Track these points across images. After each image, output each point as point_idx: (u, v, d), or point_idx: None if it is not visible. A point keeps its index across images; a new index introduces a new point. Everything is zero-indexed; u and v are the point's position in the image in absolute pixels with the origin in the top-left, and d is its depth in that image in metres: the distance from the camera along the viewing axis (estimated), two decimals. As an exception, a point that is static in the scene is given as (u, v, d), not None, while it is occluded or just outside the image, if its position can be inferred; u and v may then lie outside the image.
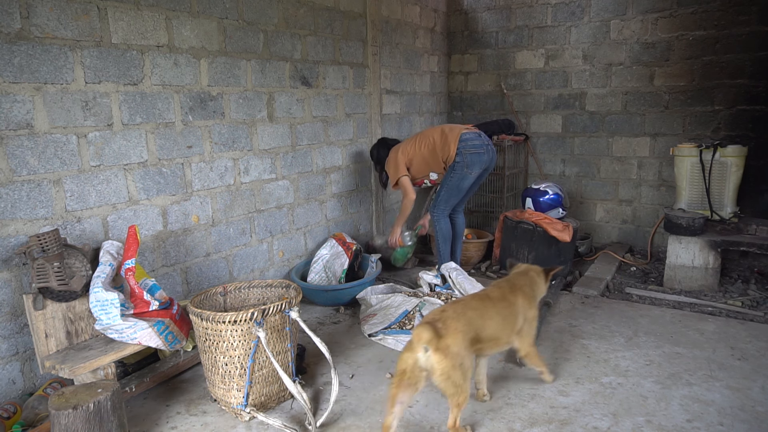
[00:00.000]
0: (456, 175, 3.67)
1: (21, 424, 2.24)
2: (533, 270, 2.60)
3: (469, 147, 3.60)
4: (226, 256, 3.41)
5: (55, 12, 2.43)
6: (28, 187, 2.41)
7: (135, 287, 2.44)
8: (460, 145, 3.60)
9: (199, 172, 3.17)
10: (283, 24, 3.62)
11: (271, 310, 2.27)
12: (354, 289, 3.62)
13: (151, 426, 2.34)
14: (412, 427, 2.28)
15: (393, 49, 4.78)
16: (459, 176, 3.66)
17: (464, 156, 3.60)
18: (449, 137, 3.68)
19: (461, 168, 3.62)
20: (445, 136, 3.71)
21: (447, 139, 3.68)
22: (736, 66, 4.35)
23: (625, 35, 4.74)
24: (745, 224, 3.90)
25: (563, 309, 3.57)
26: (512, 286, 2.48)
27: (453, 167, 3.66)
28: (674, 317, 3.39)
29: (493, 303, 2.34)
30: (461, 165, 3.62)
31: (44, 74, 2.42)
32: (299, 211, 3.97)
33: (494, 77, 5.48)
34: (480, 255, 4.59)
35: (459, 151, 3.60)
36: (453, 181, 3.69)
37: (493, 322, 2.28)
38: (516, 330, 2.38)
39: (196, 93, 3.10)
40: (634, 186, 4.94)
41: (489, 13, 5.39)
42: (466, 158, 3.60)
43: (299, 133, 3.88)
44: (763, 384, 2.56)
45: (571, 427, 2.26)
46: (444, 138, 3.70)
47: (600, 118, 4.99)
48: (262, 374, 2.36)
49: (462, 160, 3.60)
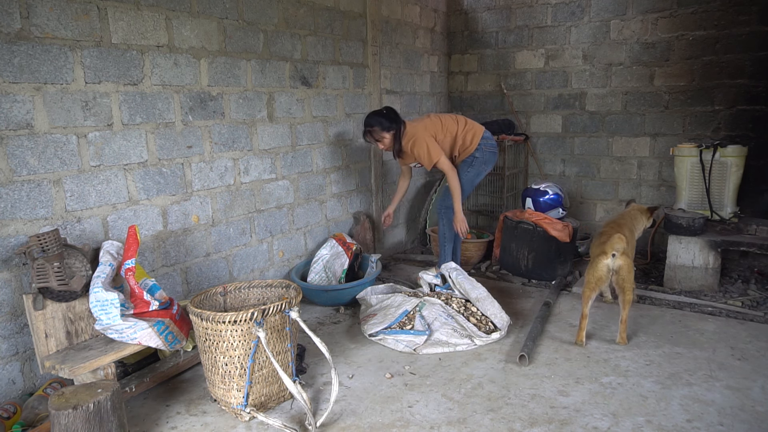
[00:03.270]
0: (473, 171, 3.70)
1: (21, 424, 2.24)
2: (638, 208, 3.54)
3: (489, 145, 3.66)
4: (226, 256, 3.41)
5: (55, 12, 2.43)
6: (28, 187, 2.41)
7: (135, 287, 2.44)
8: (482, 142, 3.64)
9: (199, 172, 3.17)
10: (283, 24, 3.62)
11: (271, 310, 2.27)
12: (354, 290, 3.62)
13: (151, 426, 2.34)
14: (413, 427, 2.28)
15: (393, 49, 4.78)
16: (476, 172, 3.70)
17: (484, 153, 3.64)
18: (476, 131, 3.66)
19: (480, 164, 3.66)
20: (470, 128, 3.67)
21: (471, 132, 3.66)
22: (736, 66, 4.34)
23: (625, 35, 4.73)
24: (745, 224, 3.90)
25: (563, 309, 3.57)
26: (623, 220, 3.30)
27: (471, 162, 3.67)
28: (674, 317, 3.39)
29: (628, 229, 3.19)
30: (480, 161, 3.65)
31: (44, 74, 2.42)
32: (299, 211, 3.97)
33: (494, 77, 5.48)
34: (480, 255, 4.59)
35: (480, 147, 3.63)
36: (470, 176, 3.72)
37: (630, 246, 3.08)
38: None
39: (196, 93, 3.10)
40: (634, 186, 4.93)
41: (489, 13, 5.39)
42: (485, 155, 3.65)
43: (299, 133, 3.88)
44: (763, 384, 2.56)
45: (571, 427, 2.26)
46: (468, 129, 3.67)
47: (600, 118, 4.99)
48: (262, 374, 2.36)
49: (482, 156, 3.65)
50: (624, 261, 2.90)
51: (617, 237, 2.91)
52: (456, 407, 2.42)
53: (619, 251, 2.89)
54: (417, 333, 3.01)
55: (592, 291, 2.94)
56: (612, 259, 2.90)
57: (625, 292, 2.92)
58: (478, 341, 3.02)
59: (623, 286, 2.91)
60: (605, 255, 2.91)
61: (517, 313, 3.49)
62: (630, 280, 2.91)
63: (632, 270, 2.94)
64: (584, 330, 2.99)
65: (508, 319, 3.16)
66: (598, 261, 2.94)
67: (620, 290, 2.94)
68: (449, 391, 2.55)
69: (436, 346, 2.98)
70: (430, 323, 3.09)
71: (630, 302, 2.93)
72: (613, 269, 2.92)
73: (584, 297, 2.97)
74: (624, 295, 2.93)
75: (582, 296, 3.00)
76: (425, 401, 2.47)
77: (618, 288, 2.95)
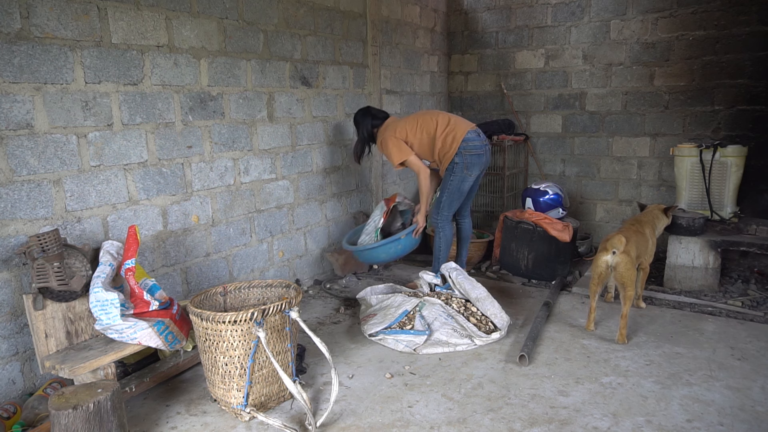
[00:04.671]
0: (456, 178, 3.51)
1: (21, 424, 2.24)
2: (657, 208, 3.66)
3: (470, 148, 3.44)
4: (226, 256, 3.41)
5: (55, 12, 2.43)
6: (28, 187, 2.41)
7: (135, 287, 2.44)
8: (461, 145, 3.43)
9: (199, 172, 3.17)
10: (283, 24, 3.62)
11: (271, 310, 2.27)
12: (384, 247, 3.65)
13: (151, 426, 2.34)
14: (413, 427, 2.28)
15: (393, 49, 4.78)
16: (459, 179, 3.50)
17: (464, 157, 3.44)
18: (456, 133, 3.46)
19: (461, 170, 3.47)
20: (450, 130, 3.48)
21: (451, 135, 3.47)
22: (736, 66, 4.35)
23: (625, 35, 4.74)
24: (745, 224, 3.90)
25: (563, 309, 3.57)
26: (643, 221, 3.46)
27: (452, 169, 3.49)
28: (674, 317, 3.39)
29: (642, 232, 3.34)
30: (461, 167, 3.46)
31: (44, 74, 2.42)
32: (299, 211, 3.97)
33: (494, 77, 5.48)
34: (480, 255, 4.59)
35: (459, 151, 3.43)
36: (453, 184, 3.53)
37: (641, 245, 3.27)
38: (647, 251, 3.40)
39: (196, 93, 3.10)
40: (634, 186, 4.94)
41: (489, 13, 5.39)
42: (467, 159, 3.44)
43: (299, 133, 3.88)
44: (763, 384, 2.56)
45: (571, 427, 2.26)
46: (447, 132, 3.48)
47: (600, 118, 4.99)
48: (262, 374, 2.36)
49: (462, 161, 3.45)
50: (622, 258, 3.04)
51: (617, 237, 3.07)
52: (456, 407, 2.42)
53: (618, 249, 3.04)
54: (417, 333, 3.01)
55: (596, 285, 3.15)
56: (611, 256, 3.06)
57: (625, 287, 3.04)
58: (478, 341, 3.02)
59: (623, 282, 3.04)
60: (605, 252, 3.09)
61: (517, 313, 3.50)
62: (629, 276, 3.03)
63: (632, 267, 3.05)
64: (593, 321, 3.23)
65: (508, 319, 3.16)
66: (598, 257, 3.13)
67: (620, 286, 3.08)
68: (449, 391, 2.56)
69: (436, 346, 2.98)
70: (430, 323, 3.09)
71: (630, 298, 3.03)
72: (611, 265, 3.07)
73: (590, 291, 3.21)
74: (624, 290, 3.05)
75: (589, 291, 3.24)
76: (425, 401, 2.47)
77: (618, 284, 3.09)
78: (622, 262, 3.04)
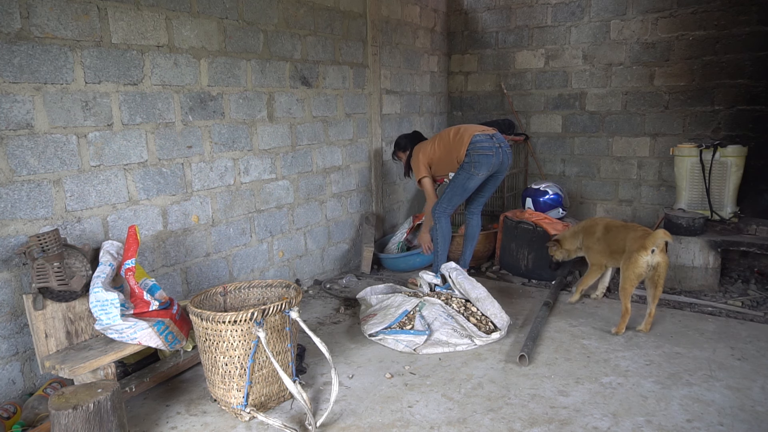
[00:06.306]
0: (463, 175, 3.69)
1: (21, 424, 2.24)
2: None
3: (478, 148, 3.64)
4: (226, 256, 3.41)
5: (55, 12, 2.43)
6: (28, 187, 2.41)
7: (135, 287, 2.44)
8: (470, 147, 3.65)
9: (199, 172, 3.17)
10: (283, 24, 3.62)
11: (271, 310, 2.27)
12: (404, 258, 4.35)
13: (151, 426, 2.34)
14: (413, 427, 2.28)
15: (393, 49, 4.78)
16: (465, 176, 3.68)
17: (472, 156, 3.63)
18: (463, 138, 3.71)
19: (468, 168, 3.66)
20: (459, 136, 3.75)
21: (460, 140, 3.72)
22: (736, 66, 4.35)
23: (625, 35, 4.74)
24: (745, 224, 3.90)
25: (563, 309, 3.57)
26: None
27: (462, 167, 3.70)
28: (674, 317, 3.39)
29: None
30: (469, 165, 3.65)
31: (44, 74, 2.42)
32: (299, 211, 3.97)
33: (494, 77, 5.48)
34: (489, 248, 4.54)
35: (468, 152, 3.65)
36: (459, 180, 3.72)
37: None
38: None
39: (196, 93, 3.10)
40: (634, 186, 4.94)
41: (489, 13, 5.39)
42: (474, 158, 3.63)
43: (299, 133, 3.88)
44: (763, 384, 2.56)
45: (571, 427, 2.26)
46: (458, 138, 3.75)
47: (600, 118, 4.99)
48: (262, 374, 2.36)
49: (470, 161, 3.64)
50: (663, 257, 3.00)
51: (660, 232, 2.96)
52: (456, 407, 2.42)
53: (659, 247, 2.95)
54: (417, 333, 3.01)
55: (632, 287, 3.07)
56: (651, 256, 2.98)
57: (657, 287, 3.04)
58: (478, 341, 3.02)
59: (657, 282, 3.02)
60: (644, 251, 2.97)
61: (517, 313, 3.50)
62: (665, 275, 3.03)
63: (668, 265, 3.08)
64: (626, 323, 3.11)
65: (508, 319, 3.16)
66: (637, 257, 2.99)
67: (653, 285, 3.05)
68: (449, 391, 2.56)
69: (436, 346, 2.98)
70: (430, 323, 3.09)
71: (659, 296, 3.07)
72: (651, 265, 2.99)
73: (625, 293, 3.09)
74: (656, 290, 3.06)
75: (622, 293, 3.12)
76: (425, 401, 2.47)
77: (651, 283, 3.06)
78: (663, 261, 2.96)
